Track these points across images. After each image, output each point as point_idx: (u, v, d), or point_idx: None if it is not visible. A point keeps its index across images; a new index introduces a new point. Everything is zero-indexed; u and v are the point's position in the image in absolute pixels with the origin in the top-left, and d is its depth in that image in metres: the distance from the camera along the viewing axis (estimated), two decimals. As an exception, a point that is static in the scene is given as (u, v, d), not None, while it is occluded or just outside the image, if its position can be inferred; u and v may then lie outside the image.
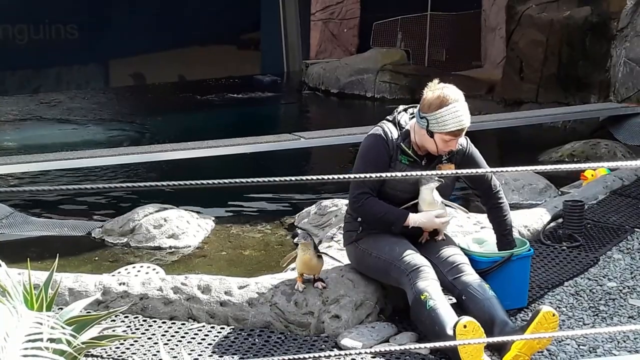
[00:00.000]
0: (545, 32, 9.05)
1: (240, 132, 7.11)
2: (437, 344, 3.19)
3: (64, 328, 2.13)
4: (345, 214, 3.77)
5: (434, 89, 3.48)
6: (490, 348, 3.26)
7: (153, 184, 1.87)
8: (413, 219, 3.52)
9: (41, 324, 2.02)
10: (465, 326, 3.08)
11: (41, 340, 1.98)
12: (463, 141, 3.64)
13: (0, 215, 5.40)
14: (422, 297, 3.29)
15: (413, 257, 3.44)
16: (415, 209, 3.55)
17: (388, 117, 3.63)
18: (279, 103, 12.40)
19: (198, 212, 5.46)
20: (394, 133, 3.54)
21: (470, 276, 3.44)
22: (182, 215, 5.23)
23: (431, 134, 3.46)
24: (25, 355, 1.90)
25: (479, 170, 3.62)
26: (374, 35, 13.18)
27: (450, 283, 3.45)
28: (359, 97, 11.53)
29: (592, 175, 5.78)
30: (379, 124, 3.60)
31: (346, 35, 14.33)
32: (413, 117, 3.56)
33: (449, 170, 3.56)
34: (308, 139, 6.95)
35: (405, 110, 3.62)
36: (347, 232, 3.72)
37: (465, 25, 12.80)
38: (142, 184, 1.86)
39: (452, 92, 3.48)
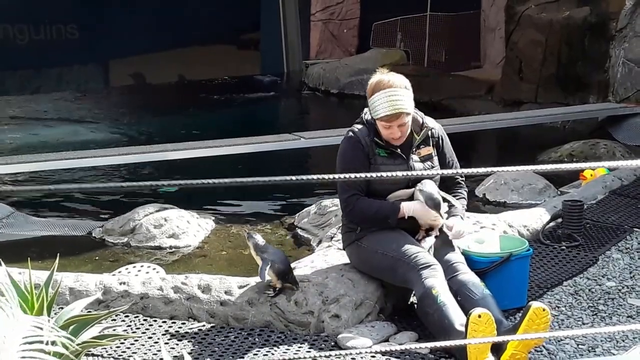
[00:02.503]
0: (545, 32, 9.05)
1: (240, 132, 7.12)
2: (438, 344, 3.20)
3: (58, 331, 2.14)
4: (342, 216, 3.79)
5: (374, 77, 3.55)
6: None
7: (153, 183, 1.88)
8: (407, 207, 3.54)
9: (37, 327, 2.02)
10: (479, 316, 3.10)
11: (38, 342, 1.98)
12: (436, 125, 3.71)
13: (0, 215, 5.40)
14: (434, 292, 3.30)
15: (423, 254, 3.47)
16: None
17: (357, 120, 3.70)
18: (279, 103, 12.40)
19: (198, 212, 5.47)
20: (364, 131, 3.61)
21: (465, 275, 3.45)
22: (182, 215, 5.24)
23: (374, 121, 3.51)
24: (23, 357, 1.91)
25: (467, 171, 3.63)
26: (374, 36, 13.19)
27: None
28: (359, 97, 11.50)
29: (592, 175, 5.79)
30: (349, 128, 3.66)
31: (346, 35, 14.33)
32: None
33: (430, 166, 3.60)
34: (308, 139, 6.95)
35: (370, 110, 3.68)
36: (346, 234, 3.73)
37: (464, 25, 12.80)
38: (142, 184, 1.87)
39: (388, 78, 3.55)
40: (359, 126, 3.64)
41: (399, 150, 3.59)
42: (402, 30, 13.12)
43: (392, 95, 3.47)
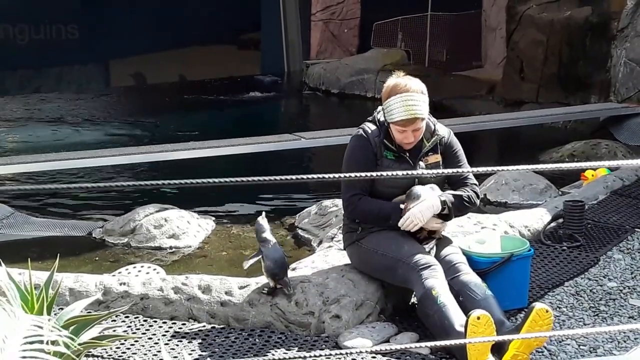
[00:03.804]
0: (546, 32, 9.05)
1: (240, 132, 7.11)
2: (438, 343, 3.19)
3: (60, 331, 2.13)
4: (343, 216, 3.78)
5: (391, 79, 3.51)
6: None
7: (153, 182, 1.87)
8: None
9: (39, 326, 2.02)
10: (478, 318, 3.09)
11: (39, 342, 1.98)
12: (445, 131, 3.67)
13: (0, 216, 5.40)
14: (434, 293, 3.29)
15: (423, 255, 3.45)
16: None
17: (368, 118, 3.67)
18: (279, 103, 12.39)
19: (198, 212, 5.46)
20: (374, 131, 3.57)
21: (467, 276, 3.44)
22: (182, 215, 5.23)
23: (388, 124, 3.48)
24: (24, 357, 1.91)
25: (464, 170, 3.60)
26: (375, 36, 13.17)
27: (447, 283, 3.44)
28: (360, 98, 11.53)
29: (593, 176, 5.78)
30: (360, 126, 3.63)
31: (346, 35, 14.32)
32: None
33: (435, 170, 3.57)
34: (309, 139, 6.94)
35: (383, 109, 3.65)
36: (347, 234, 3.72)
37: (465, 25, 12.78)
38: (141, 183, 1.86)
39: (405, 82, 3.50)
40: (371, 126, 3.61)
41: (407, 155, 3.57)
42: (402, 30, 13.10)
43: (409, 100, 3.44)
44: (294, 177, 1.81)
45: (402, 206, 3.51)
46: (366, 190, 3.56)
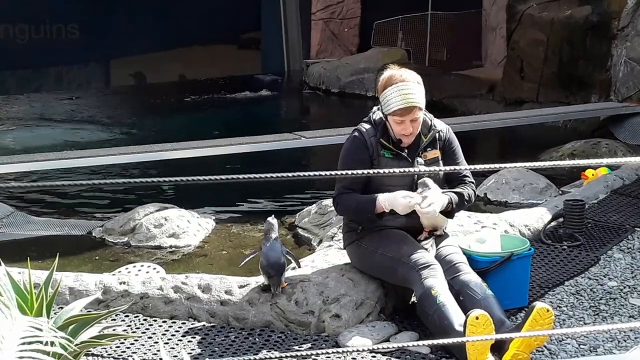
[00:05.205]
0: (546, 31, 9.04)
1: (240, 131, 7.10)
2: (438, 341, 3.18)
3: (56, 332, 2.13)
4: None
5: (386, 72, 3.52)
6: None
7: (150, 179, 1.87)
8: (383, 198, 3.46)
9: (35, 327, 2.02)
10: (477, 318, 3.09)
11: (37, 343, 1.97)
12: (444, 127, 3.65)
13: (0, 215, 5.40)
14: (433, 292, 3.29)
15: (423, 254, 3.45)
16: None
17: (364, 119, 3.66)
18: (279, 103, 12.39)
19: (198, 212, 5.46)
20: (370, 131, 3.57)
21: (468, 275, 3.44)
22: (182, 214, 5.23)
23: (386, 117, 3.48)
24: (21, 358, 1.90)
25: (462, 167, 3.59)
26: (375, 35, 13.17)
27: (447, 282, 3.44)
28: (360, 97, 11.52)
29: (593, 175, 5.78)
30: (355, 127, 3.62)
31: (347, 34, 14.31)
32: None
33: (433, 167, 3.56)
34: (309, 138, 6.93)
35: (379, 108, 3.63)
36: (347, 233, 3.72)
37: (466, 24, 12.78)
38: (138, 180, 1.86)
39: (400, 73, 3.51)
40: (366, 126, 3.60)
41: (405, 152, 3.56)
42: (403, 29, 13.10)
43: (405, 89, 3.44)
44: (290, 174, 1.81)
45: (382, 201, 3.49)
46: (357, 190, 3.54)
